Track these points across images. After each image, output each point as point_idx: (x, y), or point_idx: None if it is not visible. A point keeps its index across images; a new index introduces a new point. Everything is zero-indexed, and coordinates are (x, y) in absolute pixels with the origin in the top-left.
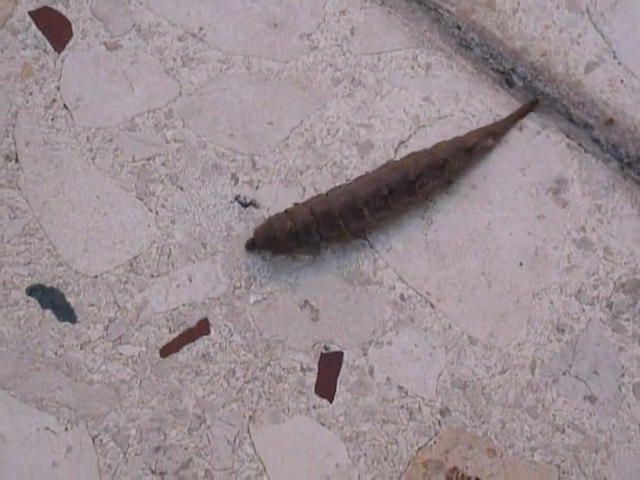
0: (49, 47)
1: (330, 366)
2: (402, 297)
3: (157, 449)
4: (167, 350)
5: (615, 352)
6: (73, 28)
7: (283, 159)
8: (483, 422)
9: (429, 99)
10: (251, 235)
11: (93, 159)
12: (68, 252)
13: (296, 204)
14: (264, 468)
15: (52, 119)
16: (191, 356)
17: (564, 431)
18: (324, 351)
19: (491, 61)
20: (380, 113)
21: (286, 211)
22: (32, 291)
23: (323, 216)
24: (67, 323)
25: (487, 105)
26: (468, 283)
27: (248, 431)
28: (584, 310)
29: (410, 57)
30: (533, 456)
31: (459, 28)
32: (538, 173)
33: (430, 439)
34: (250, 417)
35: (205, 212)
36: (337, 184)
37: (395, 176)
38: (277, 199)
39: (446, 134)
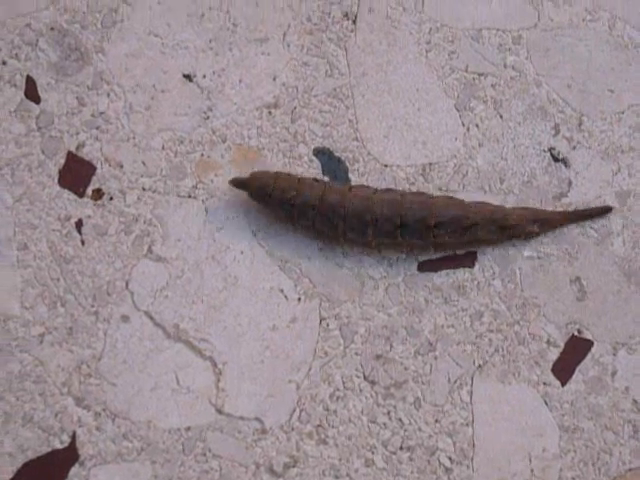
0: None
1: (576, 350)
2: None
3: (378, 357)
4: (426, 266)
5: None
6: None
7: (610, 131)
8: None
9: None
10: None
11: (427, 52)
12: (368, 131)
13: (315, 180)
14: (472, 420)
15: None
16: (447, 282)
17: None
18: (576, 333)
19: None
20: None
21: (299, 179)
22: (319, 153)
23: (328, 208)
24: None
25: None
26: None
27: (472, 378)
28: None
29: None
30: None
31: None
32: None
33: None
34: (479, 366)
35: (515, 150)
36: None
37: (416, 212)
38: (589, 167)
39: None
